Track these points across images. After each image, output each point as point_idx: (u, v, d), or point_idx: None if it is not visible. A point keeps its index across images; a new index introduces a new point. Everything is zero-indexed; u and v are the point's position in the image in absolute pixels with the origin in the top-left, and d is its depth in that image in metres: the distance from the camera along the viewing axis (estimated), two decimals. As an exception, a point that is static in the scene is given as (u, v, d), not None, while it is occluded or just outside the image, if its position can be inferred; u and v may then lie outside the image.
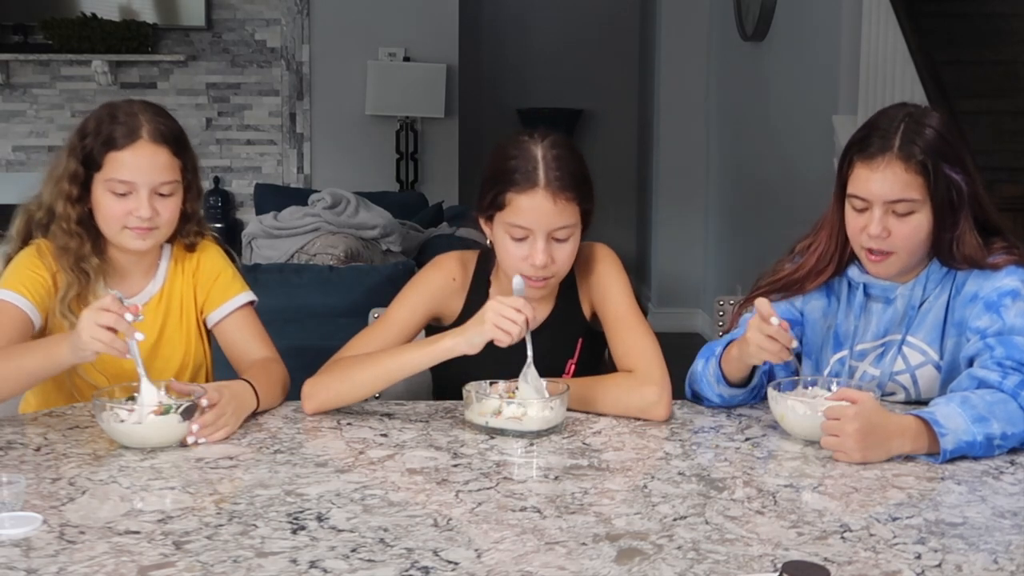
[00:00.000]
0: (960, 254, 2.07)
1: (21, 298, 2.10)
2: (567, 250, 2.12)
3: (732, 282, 6.06)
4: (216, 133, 6.92)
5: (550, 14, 8.16)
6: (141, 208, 2.09)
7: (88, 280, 2.14)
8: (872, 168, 2.03)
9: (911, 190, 2.02)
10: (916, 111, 2.09)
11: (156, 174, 2.11)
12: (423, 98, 6.76)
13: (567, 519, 1.56)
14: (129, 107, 2.15)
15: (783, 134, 5.53)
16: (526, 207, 2.07)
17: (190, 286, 2.25)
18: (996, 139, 4.11)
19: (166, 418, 1.85)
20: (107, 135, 2.11)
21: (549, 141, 2.12)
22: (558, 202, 2.07)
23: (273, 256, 4.73)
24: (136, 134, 2.10)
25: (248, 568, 1.39)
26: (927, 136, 2.03)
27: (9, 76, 6.78)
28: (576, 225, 2.11)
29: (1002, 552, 1.47)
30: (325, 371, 2.12)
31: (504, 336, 1.96)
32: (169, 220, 2.15)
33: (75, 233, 2.13)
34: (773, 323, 1.93)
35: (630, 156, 8.10)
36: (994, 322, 2.02)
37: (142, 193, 2.10)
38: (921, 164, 2.01)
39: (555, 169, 2.08)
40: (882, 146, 2.03)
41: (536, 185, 2.07)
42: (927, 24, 4.28)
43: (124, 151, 2.10)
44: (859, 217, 2.07)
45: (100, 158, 2.11)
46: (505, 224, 2.10)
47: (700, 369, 2.12)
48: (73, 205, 2.13)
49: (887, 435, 1.83)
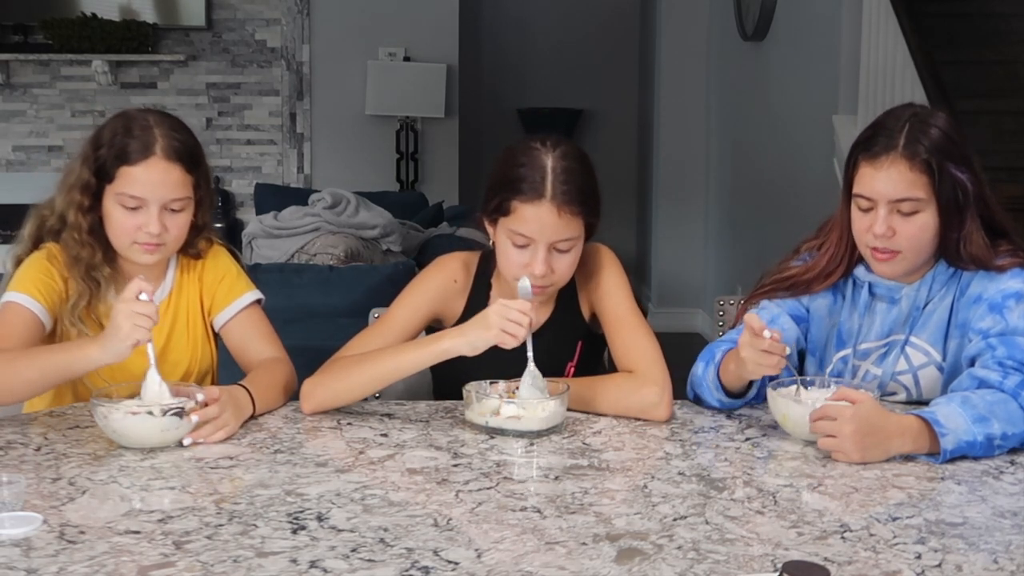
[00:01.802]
0: (967, 254, 2.07)
1: (32, 300, 2.10)
2: (568, 261, 2.11)
3: (732, 282, 6.06)
4: (216, 133, 6.92)
5: (550, 14, 8.16)
6: (151, 224, 2.08)
7: (99, 289, 2.14)
8: (876, 167, 2.03)
9: (916, 189, 2.02)
10: (922, 111, 2.09)
11: (167, 191, 2.09)
12: (423, 98, 6.76)
13: (567, 519, 1.56)
14: (144, 119, 2.12)
15: (783, 134, 5.53)
16: (530, 217, 2.07)
17: (196, 290, 2.25)
18: (996, 139, 4.11)
19: (161, 419, 1.85)
20: (120, 148, 2.09)
21: (560, 152, 2.10)
22: (563, 215, 2.06)
23: (273, 256, 4.73)
24: (150, 150, 2.08)
25: (248, 568, 1.39)
26: (932, 135, 2.03)
27: (9, 76, 6.78)
28: (579, 238, 2.11)
29: (1002, 552, 1.47)
30: (323, 371, 2.12)
31: (510, 340, 1.96)
32: (178, 236, 2.14)
33: (87, 243, 2.13)
34: (765, 336, 1.92)
35: (630, 156, 8.10)
36: (997, 323, 2.02)
37: (152, 209, 2.08)
38: (925, 163, 2.01)
39: (563, 182, 2.07)
40: (887, 145, 2.03)
41: (542, 196, 2.06)
42: (927, 24, 4.28)
43: (137, 166, 2.07)
44: (864, 217, 2.07)
45: (112, 171, 2.09)
46: (508, 230, 2.10)
47: (700, 373, 2.12)
48: (85, 215, 2.12)
49: (886, 435, 1.83)
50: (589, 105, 8.18)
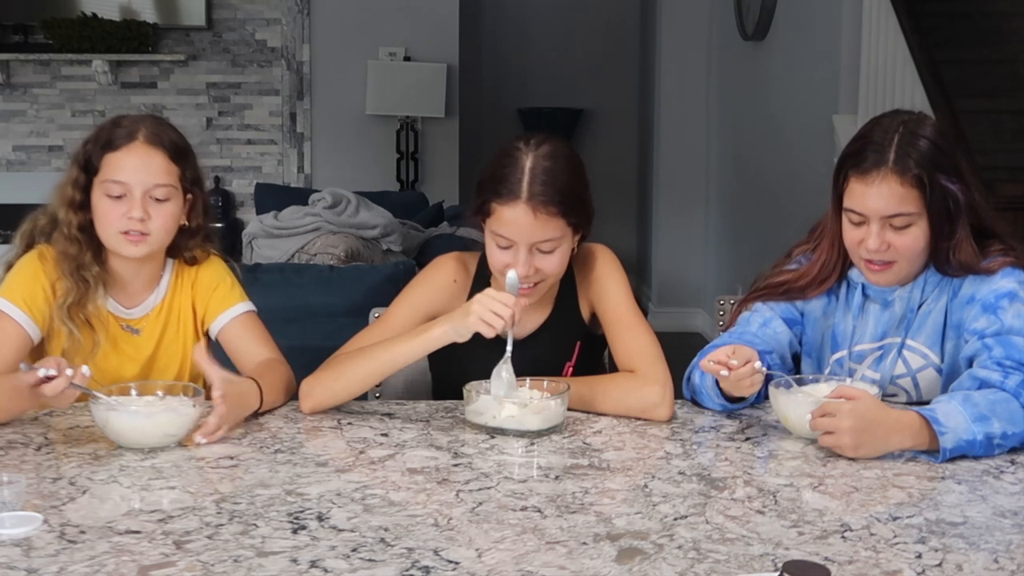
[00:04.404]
0: (956, 261, 2.07)
1: (19, 311, 2.12)
2: (553, 261, 2.10)
3: (732, 281, 6.05)
4: (216, 133, 6.91)
5: (550, 14, 8.16)
6: (134, 209, 2.09)
7: (87, 287, 2.14)
8: (867, 183, 2.02)
9: (907, 204, 2.01)
10: (911, 120, 2.07)
11: (149, 176, 2.11)
12: (423, 98, 6.76)
13: (568, 519, 1.56)
14: (135, 116, 2.18)
15: (783, 134, 5.53)
16: (507, 219, 2.06)
17: (188, 298, 2.25)
18: (996, 139, 4.11)
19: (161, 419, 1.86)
20: (106, 139, 2.13)
21: (542, 151, 2.08)
22: (539, 216, 2.05)
23: (274, 256, 4.73)
24: (133, 136, 2.12)
25: (249, 568, 1.39)
26: (921, 148, 2.01)
27: (9, 76, 6.78)
28: (562, 238, 2.09)
29: (1002, 551, 1.47)
30: (321, 370, 2.12)
31: (486, 328, 1.97)
32: (163, 227, 2.14)
33: (75, 239, 2.14)
34: (723, 375, 1.95)
35: (630, 156, 8.09)
36: (992, 323, 2.02)
37: (136, 194, 2.10)
38: (916, 178, 2.00)
39: (540, 183, 2.05)
40: (877, 160, 2.01)
41: (517, 198, 2.05)
42: (927, 23, 4.28)
43: (119, 151, 2.11)
44: (856, 230, 2.06)
45: (98, 161, 2.12)
46: (490, 231, 2.11)
47: (698, 382, 2.12)
48: (75, 212, 2.14)
49: (885, 431, 1.83)
50: (589, 105, 8.17)
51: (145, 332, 2.22)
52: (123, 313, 2.20)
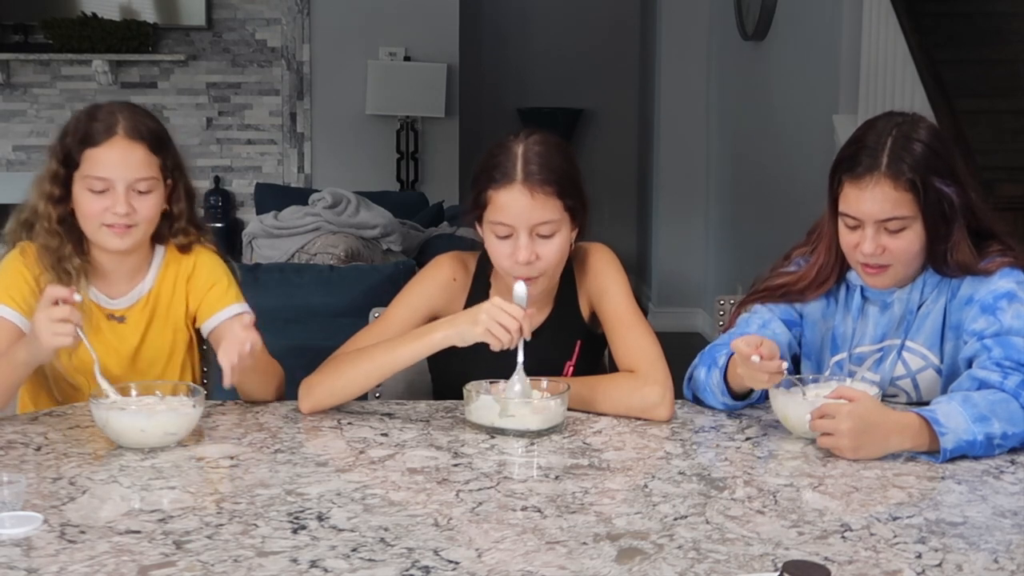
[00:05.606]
0: (954, 262, 2.07)
1: (7, 308, 2.11)
2: (553, 246, 2.10)
3: (733, 281, 6.05)
4: (216, 133, 6.91)
5: (550, 14, 8.15)
6: (118, 204, 2.08)
7: (70, 280, 2.12)
8: (861, 188, 2.01)
9: (902, 208, 2.01)
10: (904, 123, 2.06)
11: (132, 170, 2.10)
12: (423, 98, 6.76)
13: (568, 519, 1.56)
14: (109, 107, 2.16)
15: (783, 134, 5.53)
16: (504, 202, 2.07)
17: (182, 291, 2.23)
18: (996, 139, 4.11)
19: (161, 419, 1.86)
20: (84, 133, 2.11)
21: (533, 139, 2.12)
22: (536, 196, 2.06)
23: (274, 256, 4.73)
24: (112, 131, 2.10)
25: (249, 568, 1.39)
26: (915, 151, 2.01)
27: (9, 76, 6.78)
28: (560, 221, 2.10)
29: (1003, 551, 1.47)
30: (320, 370, 2.12)
31: (495, 341, 1.97)
32: (147, 218, 2.14)
33: (55, 232, 2.13)
34: (754, 360, 1.92)
35: (630, 156, 8.09)
36: (991, 324, 2.02)
37: (119, 189, 2.09)
38: (910, 182, 1.99)
39: (534, 164, 2.08)
40: (870, 165, 2.01)
41: (513, 180, 2.07)
42: (927, 23, 4.28)
43: (100, 147, 2.10)
44: (852, 234, 2.06)
45: (78, 156, 2.11)
46: (489, 223, 2.11)
47: (703, 378, 2.12)
48: (55, 205, 2.13)
49: (884, 432, 1.83)
50: (589, 105, 8.17)
51: (130, 321, 2.20)
52: (108, 303, 2.19)
